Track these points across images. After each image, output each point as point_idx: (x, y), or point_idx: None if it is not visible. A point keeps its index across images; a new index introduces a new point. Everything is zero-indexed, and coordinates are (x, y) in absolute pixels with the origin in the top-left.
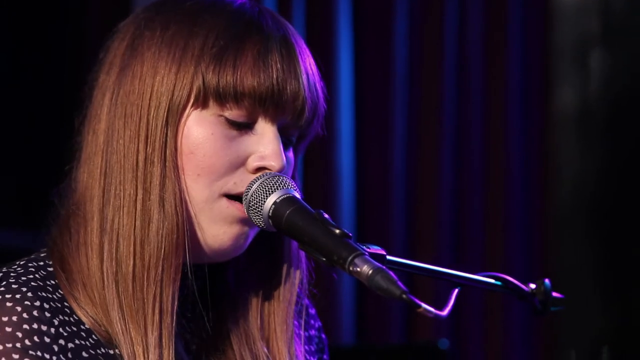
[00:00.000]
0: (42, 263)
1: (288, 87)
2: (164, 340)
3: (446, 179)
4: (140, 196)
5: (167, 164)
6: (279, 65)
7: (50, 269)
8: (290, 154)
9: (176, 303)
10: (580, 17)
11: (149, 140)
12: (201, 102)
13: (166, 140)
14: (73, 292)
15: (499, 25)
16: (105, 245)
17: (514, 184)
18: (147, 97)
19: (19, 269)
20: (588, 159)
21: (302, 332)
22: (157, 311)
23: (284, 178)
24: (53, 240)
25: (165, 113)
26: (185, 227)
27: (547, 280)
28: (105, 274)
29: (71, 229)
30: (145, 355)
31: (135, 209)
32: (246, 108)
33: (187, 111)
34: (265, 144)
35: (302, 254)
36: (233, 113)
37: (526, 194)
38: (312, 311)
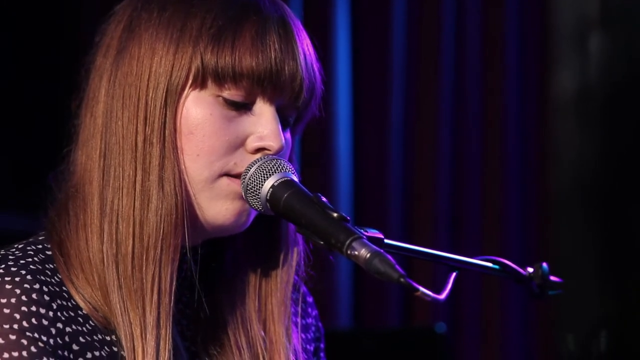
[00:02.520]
0: (40, 246)
1: (286, 68)
2: (161, 321)
3: (444, 163)
4: (139, 177)
5: (166, 145)
6: (276, 46)
7: (49, 253)
8: (288, 135)
9: (174, 284)
10: (578, 2)
11: (147, 121)
12: (200, 83)
13: (165, 120)
14: (71, 277)
15: (497, 10)
16: (105, 227)
17: (511, 169)
18: (145, 78)
19: (17, 252)
20: (587, 143)
21: (299, 320)
22: (155, 291)
23: (282, 161)
24: (51, 224)
25: (164, 94)
26: (184, 207)
27: (544, 264)
28: (105, 255)
29: (70, 211)
30: (143, 336)
31: (135, 190)
32: (244, 88)
33: (185, 92)
34: (263, 124)
35: (300, 236)
36: (231, 93)
37: (524, 179)
38: (310, 299)
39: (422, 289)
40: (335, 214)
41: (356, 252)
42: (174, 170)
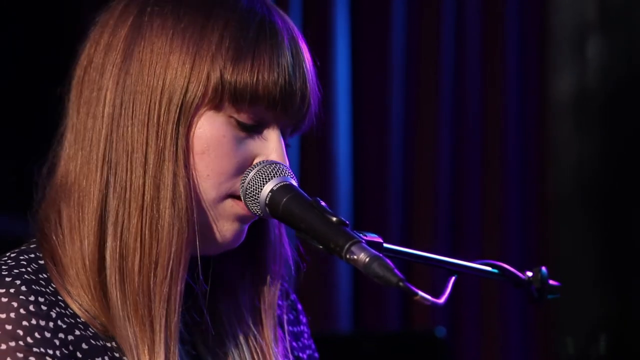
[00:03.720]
0: (32, 255)
1: (298, 90)
2: (170, 338)
3: (443, 167)
4: (149, 192)
5: (178, 162)
6: (290, 69)
7: (42, 262)
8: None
9: (181, 300)
10: (577, 5)
11: (159, 135)
12: (217, 102)
13: (177, 137)
14: (65, 285)
15: (497, 13)
16: (108, 237)
17: (511, 172)
18: (158, 90)
19: (10, 261)
20: (586, 145)
21: (285, 325)
22: (164, 308)
23: (281, 166)
24: (40, 230)
25: (178, 109)
26: (195, 226)
27: (543, 268)
28: (108, 266)
29: (62, 212)
30: (151, 352)
31: (144, 204)
32: (258, 111)
33: (200, 110)
34: (271, 147)
35: (286, 241)
36: (245, 116)
37: (523, 182)
38: (299, 306)
39: (421, 293)
40: (334, 218)
41: (355, 257)
42: (187, 189)
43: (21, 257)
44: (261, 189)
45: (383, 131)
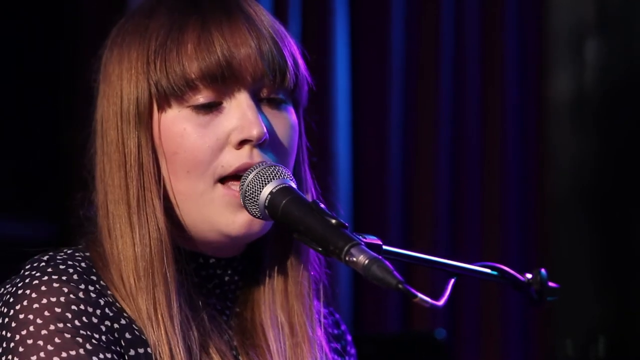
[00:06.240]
0: (87, 254)
1: (237, 55)
2: (193, 337)
3: (443, 169)
4: (132, 219)
5: (153, 171)
6: (221, 39)
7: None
8: (290, 117)
9: (185, 306)
10: (575, 6)
11: (129, 152)
12: (164, 104)
13: (139, 148)
14: (115, 284)
15: (496, 14)
16: (122, 270)
17: (510, 174)
18: (117, 112)
19: (65, 256)
20: (584, 146)
21: (324, 320)
22: (166, 316)
23: (280, 168)
24: (89, 241)
25: (135, 123)
26: (169, 235)
27: (543, 270)
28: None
29: (95, 250)
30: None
31: (132, 231)
32: (206, 90)
33: (154, 116)
34: (237, 116)
35: None
36: (196, 100)
37: (523, 184)
38: (349, 337)
39: (420, 295)
40: (333, 221)
41: (354, 259)
42: (155, 204)
43: (77, 254)
44: (260, 191)
45: (383, 131)
